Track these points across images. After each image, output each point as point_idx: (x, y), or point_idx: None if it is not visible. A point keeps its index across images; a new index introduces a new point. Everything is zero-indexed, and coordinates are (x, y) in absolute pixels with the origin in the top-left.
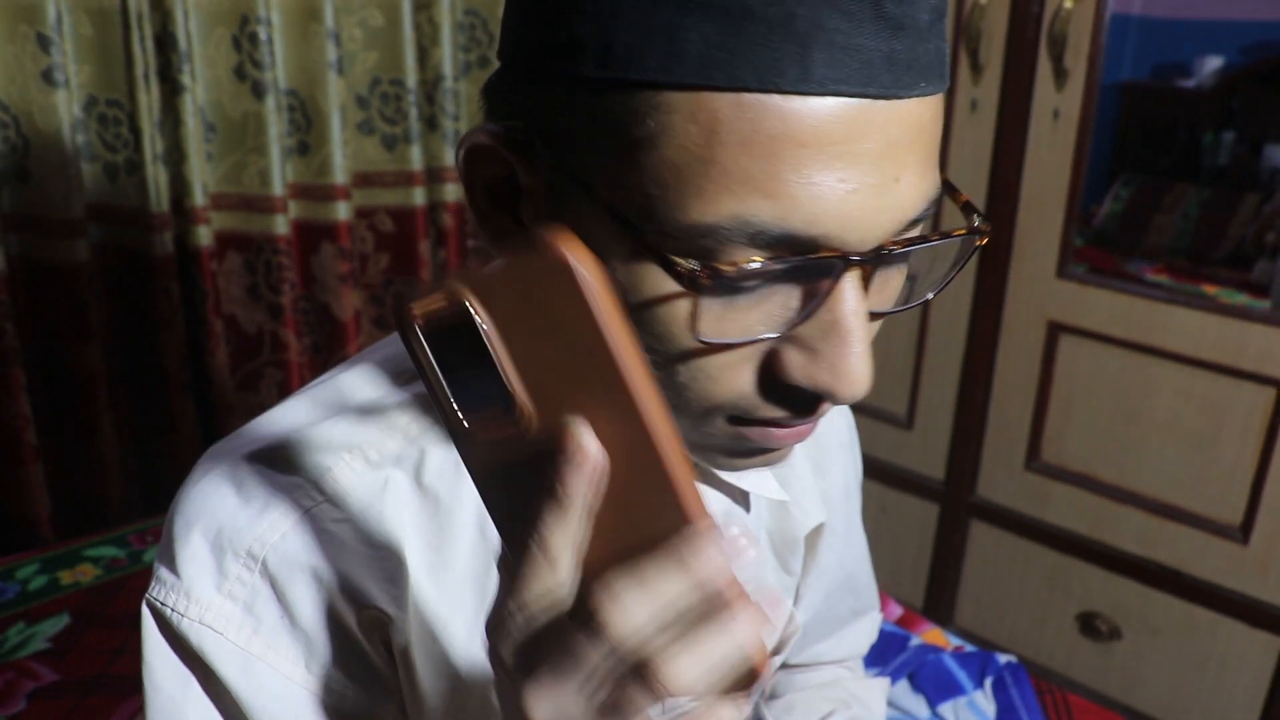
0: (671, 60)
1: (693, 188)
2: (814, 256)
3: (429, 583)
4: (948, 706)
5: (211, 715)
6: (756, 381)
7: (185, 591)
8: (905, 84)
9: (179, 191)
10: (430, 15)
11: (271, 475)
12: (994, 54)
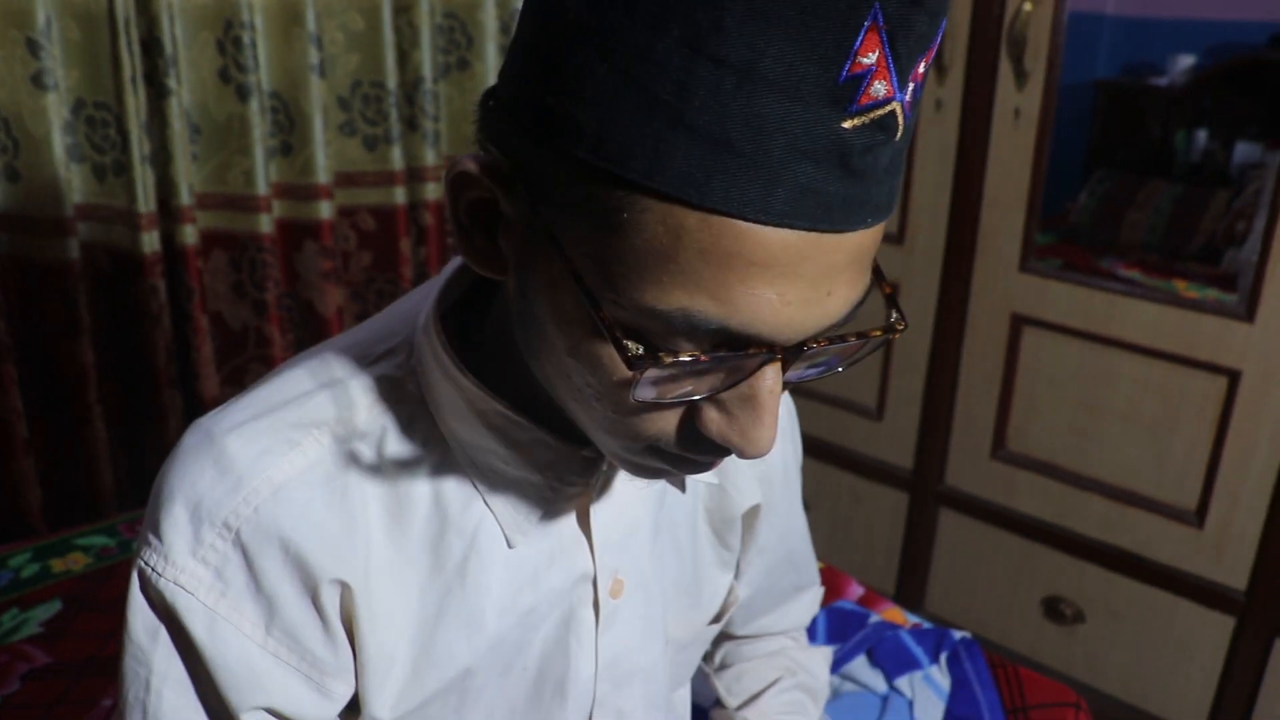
0: (654, 169)
1: (651, 276)
2: (743, 352)
3: (388, 546)
4: (904, 680)
5: (174, 665)
6: (678, 427)
7: (164, 554)
8: (854, 221)
9: (165, 192)
10: (410, 18)
11: (248, 450)
12: (957, 55)
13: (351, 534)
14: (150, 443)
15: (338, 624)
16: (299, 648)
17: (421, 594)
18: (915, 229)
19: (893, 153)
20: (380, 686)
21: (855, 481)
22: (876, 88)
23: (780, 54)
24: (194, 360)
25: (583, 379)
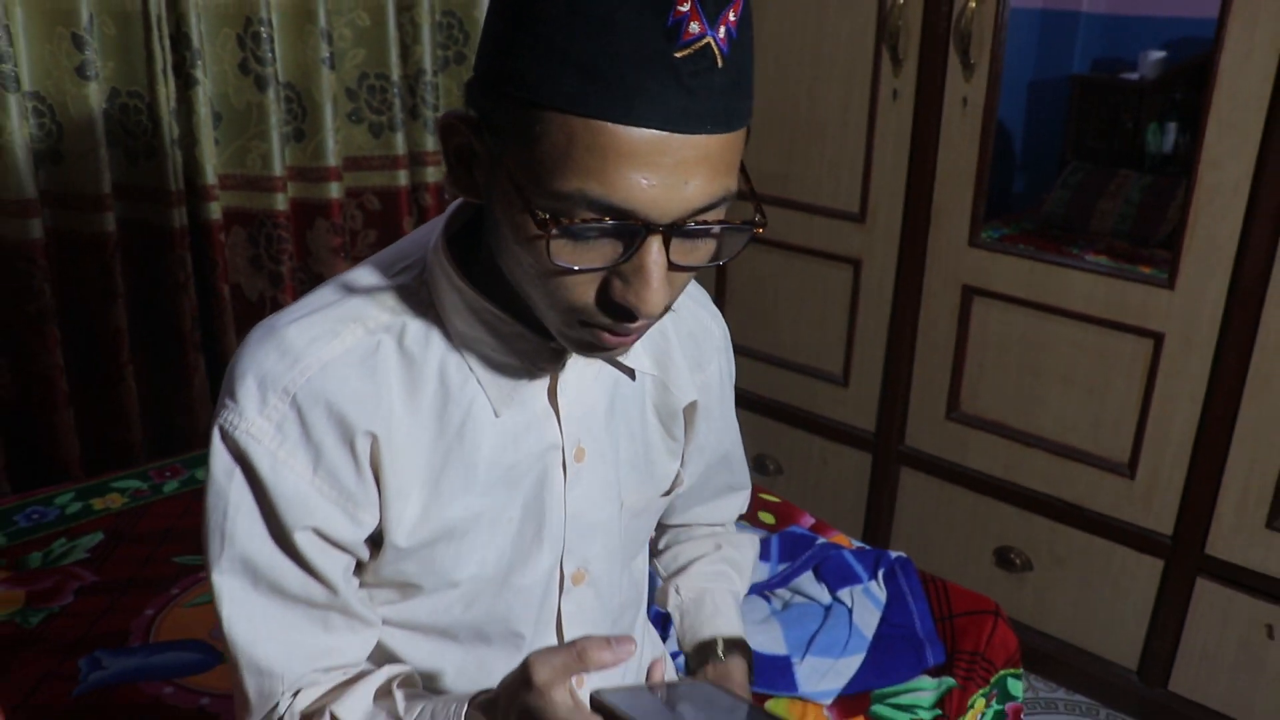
0: (554, 93)
1: (557, 170)
2: (624, 222)
3: (405, 411)
4: (845, 592)
5: (245, 497)
6: (595, 298)
7: (239, 414)
8: (694, 128)
9: (192, 172)
10: (412, 16)
11: (302, 338)
12: (911, 49)
13: (378, 400)
14: (176, 400)
15: (367, 467)
16: (338, 484)
17: (430, 450)
18: (875, 209)
19: (722, 79)
20: (398, 519)
21: (824, 444)
22: (693, 28)
23: (629, 9)
24: (215, 326)
25: (526, 259)
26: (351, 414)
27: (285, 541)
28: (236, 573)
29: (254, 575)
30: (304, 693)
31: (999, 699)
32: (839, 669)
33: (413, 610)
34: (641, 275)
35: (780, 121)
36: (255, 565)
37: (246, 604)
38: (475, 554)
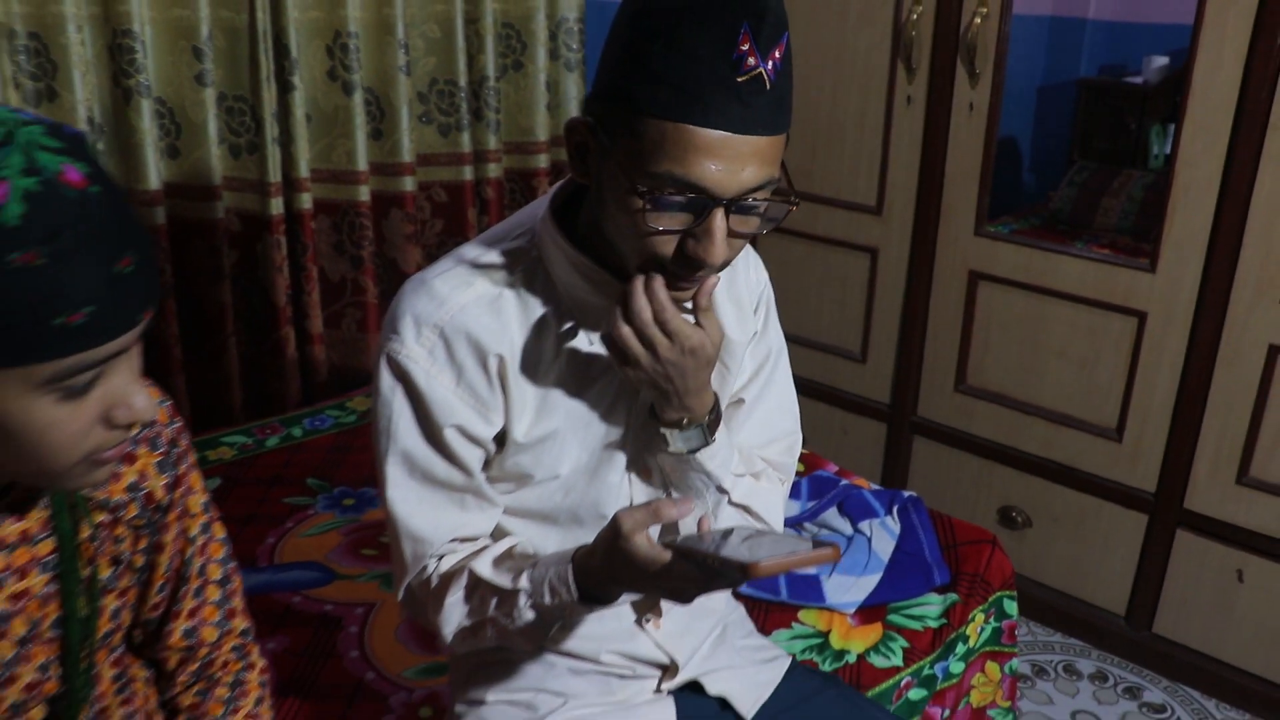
0: (653, 104)
1: (652, 158)
2: (698, 196)
3: (522, 340)
4: (865, 524)
5: (404, 404)
6: (674, 252)
7: (402, 342)
8: (748, 130)
9: (288, 167)
10: (477, 28)
11: (445, 287)
12: (922, 59)
13: (504, 331)
14: (271, 367)
15: (496, 381)
16: (475, 394)
17: (541, 371)
18: (890, 202)
19: (769, 98)
20: (518, 420)
21: (844, 415)
22: (750, 61)
23: (707, 46)
24: (304, 303)
25: (627, 224)
26: (484, 341)
27: (435, 437)
28: (398, 463)
29: (411, 465)
30: (445, 558)
31: (996, 616)
32: (860, 585)
33: (524, 498)
34: (709, 236)
35: (805, 124)
36: (412, 457)
37: (405, 487)
38: (572, 451)
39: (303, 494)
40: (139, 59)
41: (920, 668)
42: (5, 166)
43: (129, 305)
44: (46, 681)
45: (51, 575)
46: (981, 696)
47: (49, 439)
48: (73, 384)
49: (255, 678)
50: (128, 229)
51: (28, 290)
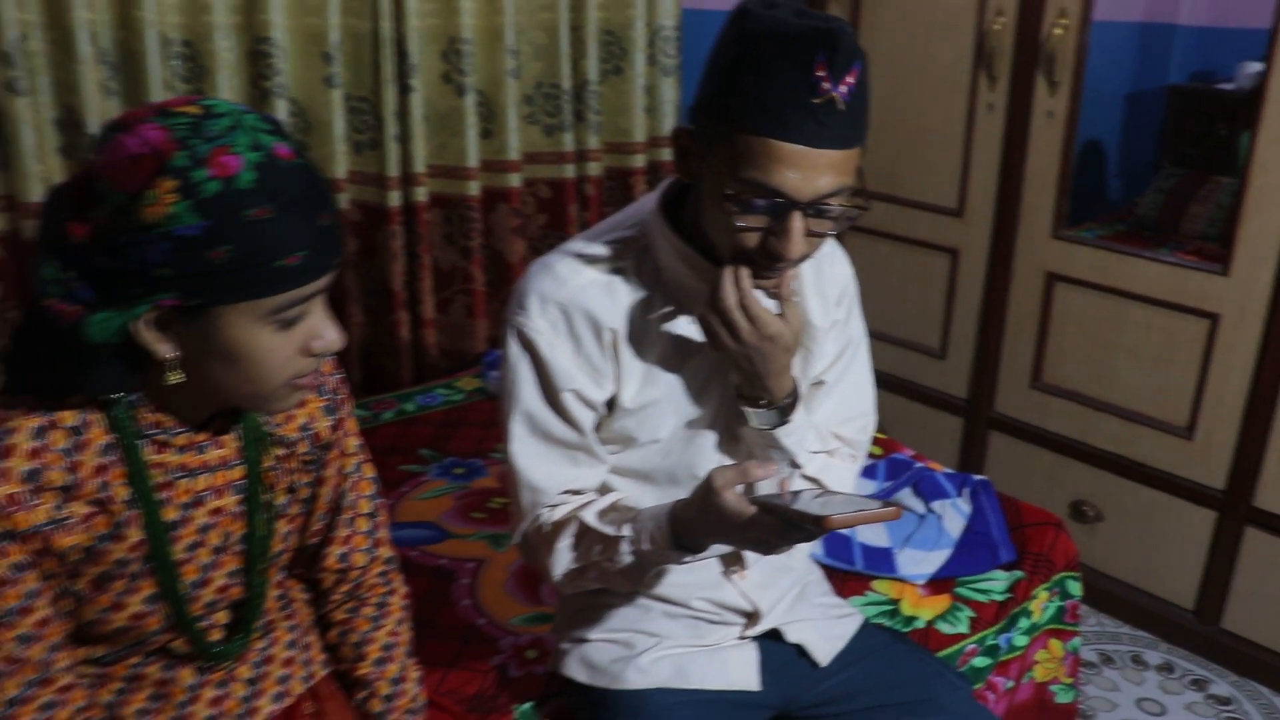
0: (744, 119)
1: (741, 165)
2: (779, 200)
3: (632, 317)
4: (937, 504)
5: (529, 370)
6: (758, 246)
7: (528, 316)
8: (822, 145)
9: (405, 163)
10: (580, 35)
11: (566, 269)
12: (1003, 68)
13: (616, 309)
14: (386, 348)
15: (609, 352)
16: (590, 362)
17: (647, 346)
18: (971, 205)
19: (842, 117)
20: (626, 387)
21: (923, 410)
22: (824, 85)
23: (788, 73)
24: (418, 290)
25: (720, 219)
26: (599, 317)
27: (554, 400)
28: (521, 422)
29: (532, 423)
30: (558, 508)
31: (1059, 596)
32: (930, 559)
33: (628, 458)
34: (787, 235)
35: (890, 130)
36: (533, 416)
37: (526, 443)
38: (670, 417)
39: (416, 463)
40: (276, 63)
41: (984, 637)
42: (237, 145)
43: (329, 252)
44: (233, 587)
45: (240, 498)
46: (1045, 672)
47: (267, 362)
48: (286, 316)
49: (398, 601)
50: (324, 193)
51: (260, 238)
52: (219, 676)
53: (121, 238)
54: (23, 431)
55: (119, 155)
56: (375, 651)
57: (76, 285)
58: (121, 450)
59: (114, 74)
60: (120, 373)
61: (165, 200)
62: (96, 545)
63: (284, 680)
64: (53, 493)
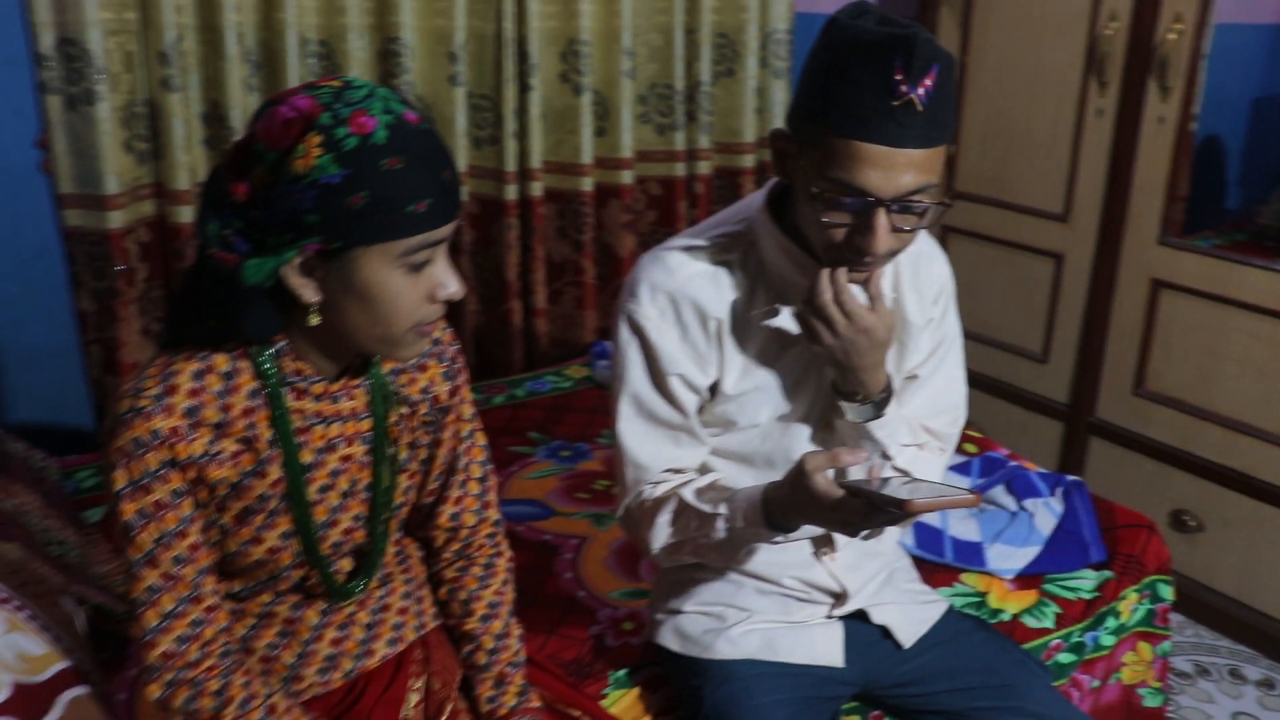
0: (830, 123)
1: (828, 165)
2: (863, 198)
3: (736, 307)
4: (1029, 502)
5: (638, 353)
6: (845, 242)
7: (639, 303)
8: (902, 145)
9: (522, 158)
10: (694, 38)
11: (676, 261)
12: (1114, 73)
13: (721, 299)
14: (498, 336)
15: (713, 340)
16: (695, 349)
17: (749, 332)
18: (1077, 210)
19: (921, 118)
20: (728, 374)
21: (1023, 414)
22: (902, 89)
23: (869, 78)
24: (530, 280)
25: (811, 215)
26: (705, 307)
27: (661, 383)
28: (629, 402)
29: (639, 404)
30: (659, 485)
31: (1150, 599)
32: (1020, 555)
33: (727, 441)
34: (871, 230)
35: (997, 133)
36: (640, 398)
37: (633, 422)
38: (770, 403)
39: (525, 444)
40: (404, 61)
41: (1070, 633)
42: (372, 109)
43: (451, 202)
44: (356, 530)
45: (367, 448)
46: (1133, 674)
47: (396, 304)
48: (414, 260)
49: (503, 563)
50: (446, 152)
51: (392, 185)
52: (340, 619)
53: (275, 190)
54: (185, 374)
55: (274, 121)
56: (481, 609)
57: (234, 239)
58: (266, 395)
59: (256, 71)
60: (269, 316)
61: (312, 154)
62: (242, 480)
63: (398, 627)
64: (208, 429)
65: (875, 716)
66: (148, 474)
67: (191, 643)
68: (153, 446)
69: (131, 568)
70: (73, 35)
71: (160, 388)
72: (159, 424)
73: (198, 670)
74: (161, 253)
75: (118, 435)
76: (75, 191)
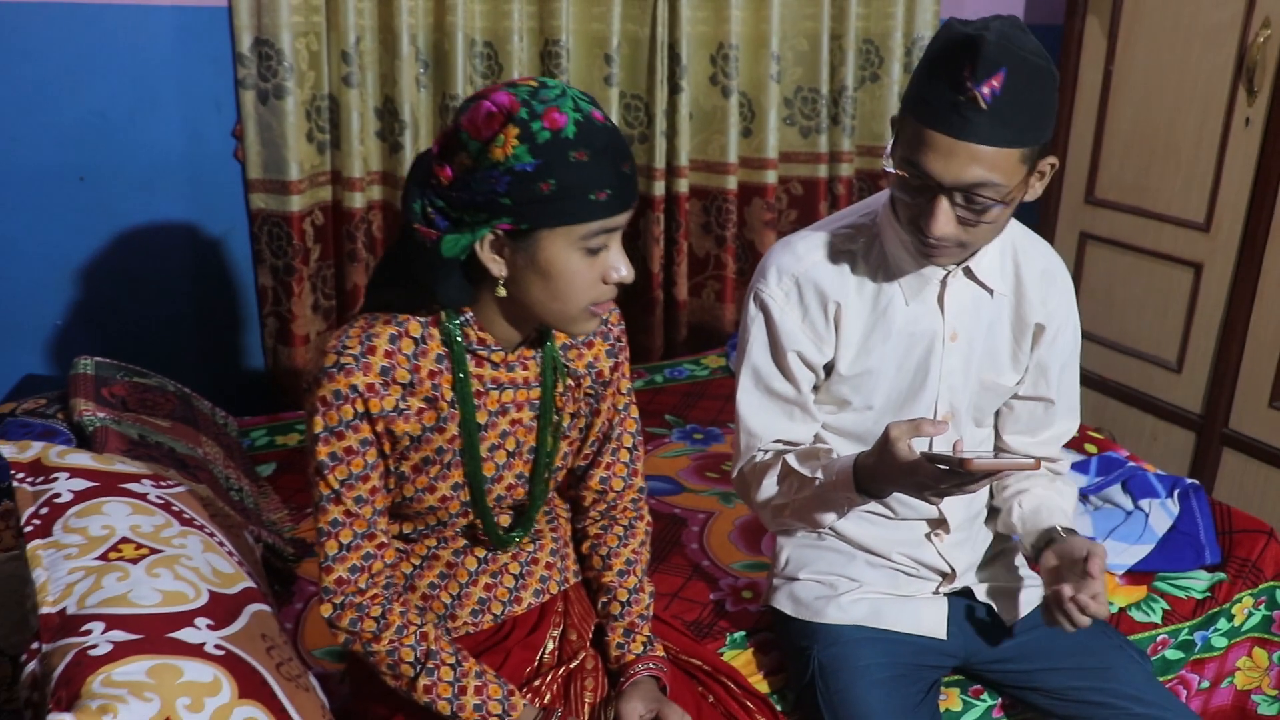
0: (909, 108)
1: (905, 148)
2: (928, 181)
3: (855, 293)
4: (1145, 502)
5: (761, 330)
6: (913, 222)
7: (767, 285)
8: (964, 137)
9: (670, 156)
10: (840, 43)
11: (803, 247)
12: (1265, 81)
13: (843, 285)
14: (641, 324)
15: (832, 322)
16: (814, 329)
17: (867, 317)
18: (1220, 220)
19: (986, 116)
20: (844, 355)
21: (1154, 422)
22: (968, 85)
23: (944, 75)
24: (673, 273)
25: (894, 194)
26: (827, 291)
27: (779, 358)
28: (748, 374)
29: (757, 377)
30: (769, 453)
31: (1267, 605)
32: (1132, 552)
33: (842, 420)
34: (932, 213)
35: (1141, 142)
36: (759, 371)
37: (751, 393)
38: (884, 386)
39: (661, 426)
40: (563, 63)
41: (1178, 630)
42: (564, 106)
43: (629, 192)
44: (518, 487)
45: (534, 414)
46: (1247, 680)
47: (574, 283)
48: (592, 244)
49: (643, 526)
50: (626, 148)
51: (577, 175)
52: (494, 567)
53: (475, 174)
54: (383, 336)
55: (478, 114)
56: (619, 564)
57: (435, 216)
58: (451, 360)
59: (425, 70)
60: (462, 286)
61: (509, 144)
62: (424, 434)
63: (544, 580)
64: (398, 387)
65: (976, 690)
66: (343, 423)
67: (361, 573)
68: (350, 399)
69: (319, 501)
70: (267, 37)
71: (361, 347)
72: (357, 380)
73: (363, 597)
74: (335, 235)
75: (321, 385)
76: (262, 177)
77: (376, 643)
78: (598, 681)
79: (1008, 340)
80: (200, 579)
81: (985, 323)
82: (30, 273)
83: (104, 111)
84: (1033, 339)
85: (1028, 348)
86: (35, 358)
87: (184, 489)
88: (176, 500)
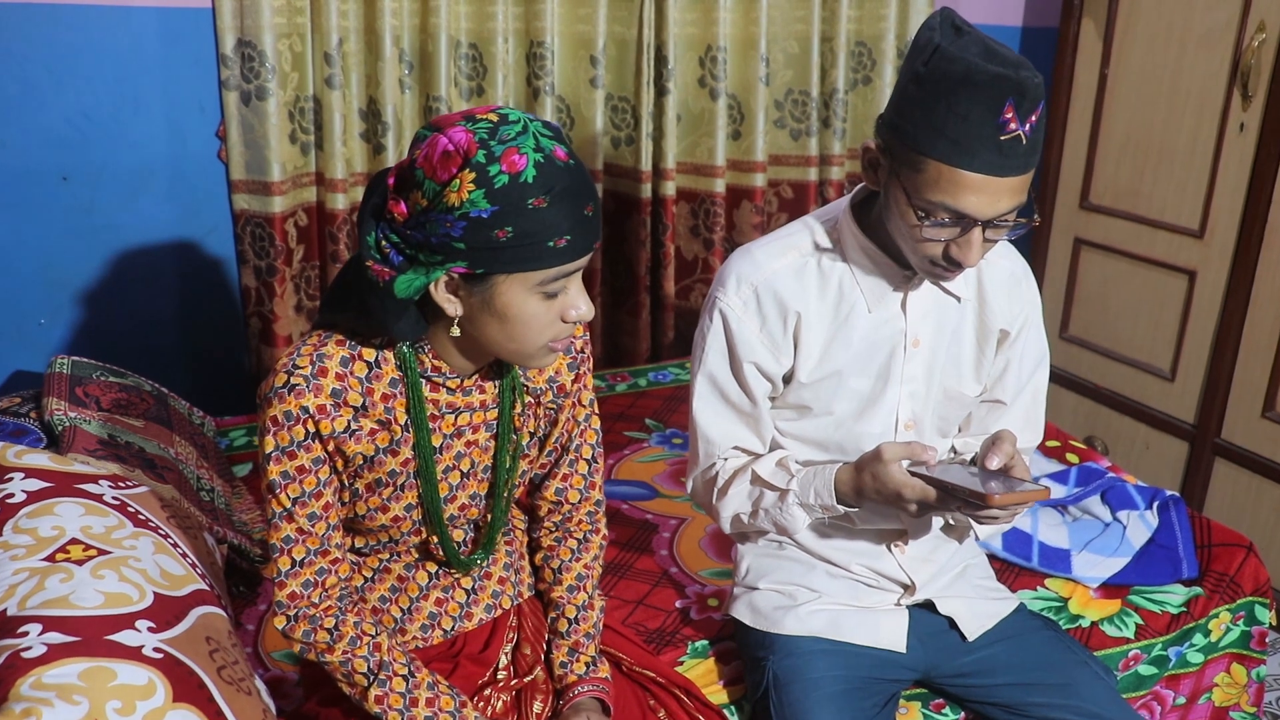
0: (934, 150)
1: (929, 189)
2: (963, 219)
3: (817, 301)
4: (1123, 514)
5: (719, 340)
6: (942, 252)
7: (725, 293)
8: (1004, 174)
9: (657, 158)
10: (831, 45)
11: (762, 255)
12: (1260, 86)
13: (803, 294)
14: (626, 327)
15: (791, 331)
16: (773, 339)
17: (827, 326)
18: (1214, 227)
19: (1023, 150)
20: (804, 364)
21: (1147, 431)
22: (1012, 126)
23: (979, 113)
24: (660, 276)
25: (906, 229)
26: (787, 300)
27: (736, 368)
28: (704, 382)
29: (713, 385)
30: (730, 461)
31: (1245, 620)
32: (1108, 565)
33: (802, 427)
34: (968, 245)
35: (1135, 147)
36: (715, 379)
37: (706, 400)
38: (844, 392)
39: (641, 430)
40: (548, 64)
41: (1152, 645)
42: (524, 146)
43: (589, 237)
44: (472, 507)
45: (491, 435)
46: (1225, 696)
47: (531, 325)
48: (550, 289)
49: (598, 540)
50: (589, 188)
51: (535, 222)
52: (446, 583)
53: (430, 216)
54: (334, 359)
55: (434, 151)
56: (569, 579)
57: (390, 251)
58: (405, 385)
59: (410, 71)
60: (415, 323)
61: (465, 188)
62: (376, 455)
63: (496, 595)
64: (349, 409)
65: (937, 704)
66: (294, 442)
67: (315, 588)
68: (300, 420)
69: (272, 518)
70: (250, 38)
71: (312, 368)
72: (308, 401)
73: (317, 609)
74: (318, 236)
75: (271, 405)
76: (245, 178)
77: (330, 653)
78: (548, 697)
79: (971, 347)
80: (147, 580)
81: (949, 329)
82: (14, 272)
83: (87, 112)
84: (996, 345)
85: (991, 355)
86: (21, 356)
87: (144, 490)
88: (134, 501)
